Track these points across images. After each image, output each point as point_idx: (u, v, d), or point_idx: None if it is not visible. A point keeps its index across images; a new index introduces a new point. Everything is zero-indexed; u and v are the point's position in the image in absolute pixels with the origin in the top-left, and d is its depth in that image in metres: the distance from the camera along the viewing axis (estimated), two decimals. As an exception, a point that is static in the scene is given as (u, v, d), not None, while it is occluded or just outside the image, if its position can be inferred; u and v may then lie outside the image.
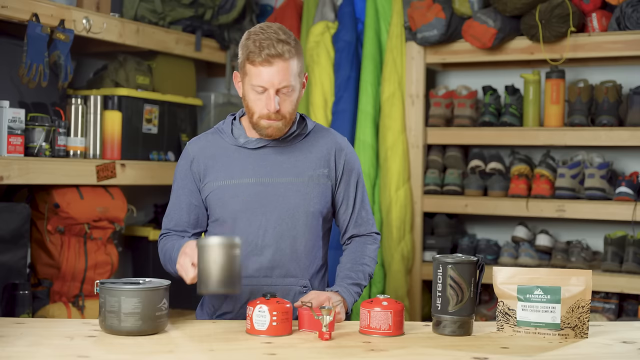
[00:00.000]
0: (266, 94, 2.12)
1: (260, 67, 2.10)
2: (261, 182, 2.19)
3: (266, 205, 2.18)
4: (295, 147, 2.24)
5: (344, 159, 2.27)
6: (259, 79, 2.11)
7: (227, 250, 1.85)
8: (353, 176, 2.29)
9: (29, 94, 3.11)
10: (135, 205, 3.68)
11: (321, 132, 2.30)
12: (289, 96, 2.14)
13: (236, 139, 2.24)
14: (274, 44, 2.10)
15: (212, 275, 1.84)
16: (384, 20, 3.96)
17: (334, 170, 2.26)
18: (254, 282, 2.18)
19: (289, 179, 2.20)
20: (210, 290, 1.86)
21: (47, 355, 1.72)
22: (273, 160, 2.21)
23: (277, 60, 2.10)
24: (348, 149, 2.30)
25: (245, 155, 2.22)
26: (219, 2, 3.97)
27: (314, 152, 2.24)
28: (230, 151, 2.23)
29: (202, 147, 2.26)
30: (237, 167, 2.20)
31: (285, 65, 2.11)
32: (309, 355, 1.77)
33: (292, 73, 2.13)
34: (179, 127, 3.85)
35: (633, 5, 3.47)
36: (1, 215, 2.92)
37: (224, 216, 2.21)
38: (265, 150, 2.22)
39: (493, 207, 3.83)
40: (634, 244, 3.52)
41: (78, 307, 3.20)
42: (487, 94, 3.91)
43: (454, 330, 1.96)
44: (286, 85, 2.12)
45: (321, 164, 2.24)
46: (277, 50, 2.09)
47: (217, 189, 2.21)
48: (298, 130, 2.25)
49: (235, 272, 1.86)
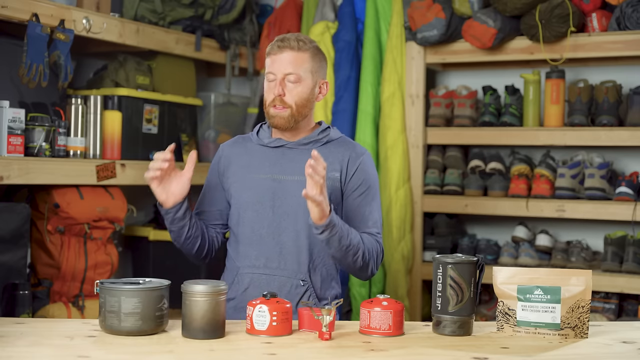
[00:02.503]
0: (275, 81, 2.27)
1: (273, 56, 2.27)
2: (274, 178, 2.31)
3: (275, 199, 2.29)
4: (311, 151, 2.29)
5: (357, 166, 2.32)
6: (270, 65, 2.28)
7: (212, 298, 1.88)
8: (363, 185, 2.31)
9: (29, 94, 3.11)
10: (135, 205, 3.68)
11: (344, 142, 2.37)
12: (295, 86, 2.26)
13: (260, 139, 2.38)
14: (290, 39, 2.28)
15: (195, 322, 1.88)
16: (384, 20, 3.96)
17: (345, 174, 2.30)
18: (255, 270, 2.29)
19: (300, 178, 2.24)
20: (192, 337, 1.88)
21: (47, 355, 1.72)
22: (289, 159, 2.31)
23: (288, 50, 2.26)
24: (365, 158, 2.34)
25: (264, 152, 2.35)
26: (219, 2, 3.97)
27: (330, 157, 2.31)
28: (253, 149, 2.38)
29: (231, 146, 2.44)
30: (255, 163, 2.34)
31: (295, 55, 2.26)
32: (309, 355, 1.77)
33: (302, 65, 2.26)
34: (179, 127, 3.85)
35: (633, 5, 3.47)
36: (1, 215, 2.92)
37: (236, 206, 2.34)
38: (284, 149, 2.33)
39: (493, 207, 3.83)
40: (634, 244, 3.52)
41: (78, 307, 3.20)
42: (487, 94, 3.91)
43: (454, 330, 1.96)
44: (292, 72, 2.25)
45: (334, 167, 2.30)
46: (290, 42, 2.26)
47: (235, 181, 2.36)
48: (319, 137, 2.34)
49: (218, 319, 1.90)
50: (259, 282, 2.28)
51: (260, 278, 2.28)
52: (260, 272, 2.29)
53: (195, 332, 1.87)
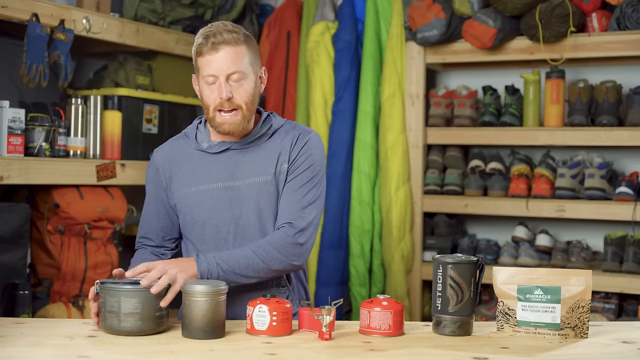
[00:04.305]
0: (217, 83, 2.07)
1: (208, 56, 2.07)
2: (226, 187, 2.13)
3: (233, 209, 2.13)
4: (259, 147, 2.16)
5: (302, 145, 2.15)
6: (208, 67, 2.07)
7: (212, 298, 1.86)
8: (305, 163, 2.14)
9: (29, 94, 3.11)
10: (135, 205, 3.68)
11: (290, 128, 2.19)
12: (241, 85, 2.08)
13: (199, 144, 2.18)
14: (220, 32, 2.07)
15: (195, 322, 1.87)
16: (384, 20, 3.96)
17: (290, 156, 2.14)
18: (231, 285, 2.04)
19: (254, 180, 2.12)
20: (192, 337, 1.87)
21: (47, 355, 1.72)
22: (237, 162, 2.14)
23: (224, 47, 2.06)
24: (313, 138, 2.17)
25: (208, 159, 2.16)
26: (219, 2, 3.97)
27: (276, 149, 2.15)
28: (194, 156, 2.17)
29: (167, 154, 2.21)
30: (201, 173, 2.14)
31: (233, 51, 2.06)
32: (309, 355, 1.77)
33: (242, 60, 2.07)
34: (179, 127, 3.85)
35: (633, 5, 3.47)
36: (1, 215, 2.92)
37: (192, 224, 2.16)
38: (229, 153, 2.15)
39: (493, 207, 3.83)
40: (634, 244, 3.52)
41: (78, 307, 3.20)
42: (487, 94, 3.91)
43: (454, 330, 1.96)
44: (236, 71, 2.06)
45: (283, 158, 2.14)
46: (223, 37, 2.06)
47: (183, 196, 2.16)
48: (263, 130, 2.17)
49: (218, 319, 1.88)
50: (236, 294, 2.11)
51: (236, 289, 2.09)
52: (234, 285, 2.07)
53: (195, 332, 1.87)
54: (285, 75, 4.19)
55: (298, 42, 4.18)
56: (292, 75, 4.18)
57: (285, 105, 4.17)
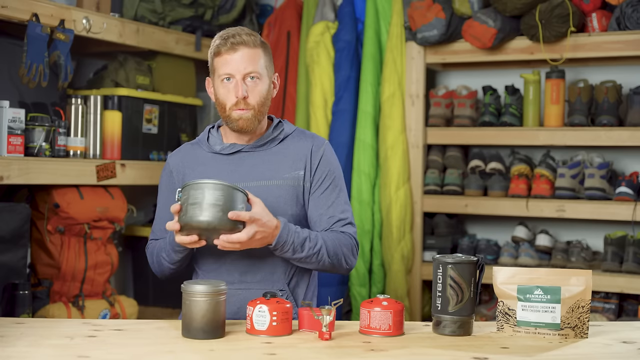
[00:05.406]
0: (234, 82, 2.14)
1: (226, 55, 2.14)
2: None
3: None
4: (270, 151, 2.21)
5: (320, 158, 2.21)
6: (226, 66, 2.14)
7: (212, 298, 1.86)
8: (328, 176, 2.21)
9: (29, 94, 3.11)
10: (135, 205, 3.69)
11: (301, 136, 2.25)
12: (256, 85, 2.15)
13: (212, 147, 2.24)
14: (239, 34, 2.14)
15: (195, 322, 1.87)
16: (384, 20, 3.96)
17: (308, 168, 2.20)
18: (229, 286, 2.07)
19: (263, 182, 2.16)
20: (192, 337, 1.87)
21: (47, 355, 1.72)
22: (247, 165, 2.19)
23: (242, 47, 2.13)
24: (327, 148, 2.24)
25: (220, 161, 2.21)
26: (219, 2, 3.97)
27: (289, 155, 2.20)
28: (206, 159, 2.23)
29: (181, 158, 2.27)
30: (213, 174, 2.18)
31: (250, 52, 2.14)
32: (309, 355, 1.77)
33: (259, 62, 2.15)
34: (179, 127, 3.86)
35: (633, 5, 3.47)
36: (1, 215, 2.92)
37: None
38: (240, 155, 2.21)
39: (493, 207, 3.83)
40: (634, 244, 3.52)
41: (78, 307, 3.20)
42: (487, 94, 3.91)
43: (454, 330, 1.96)
44: (252, 71, 2.13)
45: (297, 165, 2.19)
46: (242, 38, 2.13)
47: None
48: (274, 135, 2.22)
49: (218, 319, 1.88)
50: (236, 297, 2.14)
51: (237, 293, 2.14)
52: (236, 287, 2.15)
53: (195, 332, 1.87)
54: (285, 75, 4.19)
55: (298, 42, 4.18)
56: (292, 75, 4.18)
57: (285, 105, 4.17)
